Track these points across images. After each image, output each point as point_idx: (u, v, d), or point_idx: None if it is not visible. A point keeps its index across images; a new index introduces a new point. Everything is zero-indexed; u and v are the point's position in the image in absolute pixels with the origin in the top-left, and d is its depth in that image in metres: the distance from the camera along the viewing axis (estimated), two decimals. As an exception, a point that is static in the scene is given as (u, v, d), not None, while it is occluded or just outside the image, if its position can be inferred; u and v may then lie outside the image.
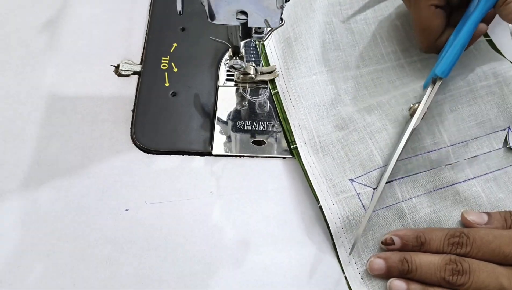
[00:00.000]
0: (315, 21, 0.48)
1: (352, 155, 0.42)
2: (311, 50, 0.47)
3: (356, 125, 0.43)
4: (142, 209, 0.43)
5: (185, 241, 0.41)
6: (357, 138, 0.43)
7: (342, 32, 0.48)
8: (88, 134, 0.46)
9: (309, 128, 0.44)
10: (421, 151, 0.42)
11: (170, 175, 0.44)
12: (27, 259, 0.41)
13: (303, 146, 0.44)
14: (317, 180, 0.42)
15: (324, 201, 0.41)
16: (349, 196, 0.41)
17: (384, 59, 0.47)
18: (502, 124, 0.43)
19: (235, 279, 0.40)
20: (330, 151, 0.43)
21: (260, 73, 0.48)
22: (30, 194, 0.43)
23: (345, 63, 0.47)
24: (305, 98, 0.45)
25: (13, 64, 0.50)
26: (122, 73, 0.49)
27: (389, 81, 0.46)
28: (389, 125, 0.43)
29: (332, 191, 0.42)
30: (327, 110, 0.45)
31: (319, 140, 0.44)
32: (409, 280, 0.37)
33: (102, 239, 0.41)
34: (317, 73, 0.46)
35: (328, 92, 0.45)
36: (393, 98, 0.44)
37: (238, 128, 0.46)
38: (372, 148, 0.42)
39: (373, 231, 0.40)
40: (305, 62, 0.46)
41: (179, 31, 0.51)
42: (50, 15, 0.52)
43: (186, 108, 0.47)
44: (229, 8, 0.34)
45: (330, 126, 0.44)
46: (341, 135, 0.43)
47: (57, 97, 0.48)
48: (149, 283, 0.40)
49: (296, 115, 0.45)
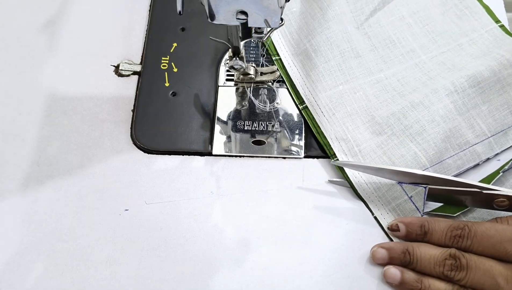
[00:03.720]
0: (331, 31, 0.48)
1: (396, 158, 0.43)
2: (332, 61, 0.47)
3: (393, 129, 0.44)
4: (142, 209, 0.43)
5: (185, 241, 0.41)
6: (397, 142, 0.43)
7: (359, 39, 0.48)
8: (88, 134, 0.46)
9: (347, 139, 0.44)
10: (466, 145, 0.43)
11: (170, 175, 0.44)
12: (27, 259, 0.41)
13: (344, 158, 0.44)
14: (366, 191, 0.43)
15: (378, 211, 0.42)
16: (401, 202, 0.41)
17: (405, 58, 0.48)
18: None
19: (235, 279, 0.40)
20: (372, 158, 0.43)
21: (260, 74, 0.48)
22: (30, 194, 0.43)
23: (368, 68, 0.47)
24: (337, 110, 0.45)
25: (13, 64, 0.50)
26: (122, 73, 0.49)
27: (414, 78, 0.46)
28: (427, 126, 0.43)
29: (383, 200, 0.42)
30: (360, 118, 0.45)
31: (359, 149, 0.44)
32: (404, 268, 0.38)
33: (102, 239, 0.41)
34: (342, 83, 0.46)
35: (357, 99, 0.46)
36: (426, 97, 0.44)
37: (238, 128, 0.46)
38: (415, 149, 0.43)
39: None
40: (329, 74, 0.47)
41: (179, 31, 0.51)
42: (50, 15, 0.52)
43: (186, 108, 0.47)
44: (229, 8, 0.34)
45: (367, 132, 0.44)
46: (380, 140, 0.44)
47: (57, 97, 0.48)
48: (149, 283, 0.40)
49: (331, 128, 0.45)
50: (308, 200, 0.43)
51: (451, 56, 0.47)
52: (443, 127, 0.43)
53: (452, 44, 0.48)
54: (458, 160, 0.43)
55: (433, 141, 0.43)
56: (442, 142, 0.43)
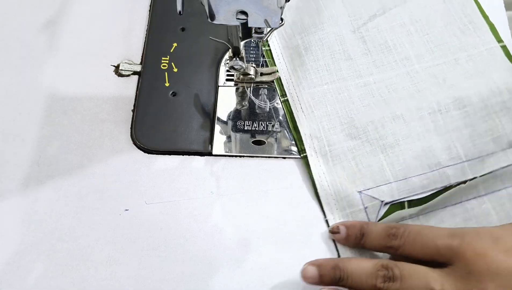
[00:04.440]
0: (324, 32, 0.48)
1: (363, 166, 0.43)
2: (321, 61, 0.47)
3: (369, 136, 0.44)
4: (142, 209, 0.43)
5: (185, 241, 0.41)
6: (368, 150, 0.43)
7: (353, 42, 0.48)
8: (88, 134, 0.46)
9: (320, 137, 0.44)
10: (436, 166, 0.42)
11: (170, 175, 0.44)
12: (27, 259, 0.41)
13: (313, 155, 0.44)
14: (325, 192, 0.42)
15: (331, 215, 0.42)
16: (356, 210, 0.41)
17: (398, 65, 0.47)
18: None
19: (235, 279, 0.40)
20: (341, 160, 0.43)
21: (260, 74, 0.48)
22: (30, 194, 0.43)
23: (357, 71, 0.47)
24: (316, 107, 0.45)
25: (13, 64, 0.50)
26: (122, 73, 0.49)
27: (403, 87, 0.46)
28: (402, 141, 0.43)
29: (340, 205, 0.42)
30: (339, 118, 0.45)
31: (329, 148, 0.44)
32: (340, 288, 0.36)
33: (102, 239, 0.41)
34: (328, 83, 0.46)
35: (341, 100, 0.45)
36: (408, 111, 0.44)
37: (238, 128, 0.46)
38: (383, 162, 0.42)
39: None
40: (316, 73, 0.47)
41: (179, 31, 0.51)
42: (50, 15, 0.52)
43: (186, 108, 0.47)
44: (229, 8, 0.34)
45: (343, 134, 0.44)
46: (353, 144, 0.44)
47: (57, 97, 0.48)
48: (149, 283, 0.40)
49: (307, 124, 0.45)
50: (308, 200, 0.43)
51: (445, 70, 0.46)
52: (416, 144, 0.43)
53: (449, 57, 0.47)
54: (425, 180, 0.42)
55: (403, 157, 0.42)
56: (412, 159, 0.42)
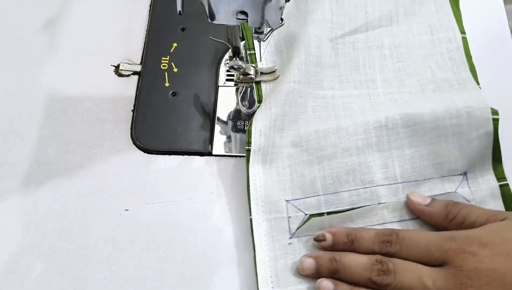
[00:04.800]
0: (305, 31, 0.47)
1: (296, 176, 0.42)
2: (296, 58, 0.46)
3: (309, 145, 0.42)
4: (142, 209, 0.43)
5: (185, 241, 0.41)
6: (305, 160, 0.42)
7: (326, 50, 0.47)
8: (88, 134, 0.46)
9: (268, 136, 0.43)
10: (369, 184, 0.41)
11: (170, 175, 0.44)
12: (27, 259, 0.41)
13: (256, 151, 0.42)
14: (256, 191, 0.41)
15: (256, 215, 0.41)
16: (279, 217, 0.40)
17: (362, 85, 0.46)
18: (460, 168, 0.41)
19: (235, 279, 0.40)
20: (277, 166, 0.42)
21: (260, 74, 0.48)
22: (30, 194, 0.43)
23: (320, 82, 0.46)
24: (276, 104, 0.43)
25: (13, 64, 0.50)
26: (122, 73, 0.49)
27: (359, 107, 0.44)
28: (340, 154, 0.42)
29: (266, 208, 0.41)
30: (289, 122, 0.43)
31: (272, 150, 0.42)
32: (337, 281, 0.36)
33: (102, 239, 0.41)
34: (295, 81, 0.44)
35: (298, 105, 0.44)
36: (354, 124, 0.42)
37: (238, 128, 0.46)
38: (316, 174, 0.41)
39: (294, 256, 0.39)
40: (287, 70, 0.45)
41: (179, 31, 0.51)
42: (50, 15, 0.52)
43: (186, 108, 0.47)
44: (229, 8, 0.34)
45: (286, 140, 0.43)
46: (292, 152, 0.43)
47: (57, 97, 0.48)
48: (149, 283, 0.40)
49: (262, 120, 0.43)
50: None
51: (407, 97, 0.45)
52: (353, 159, 0.41)
53: (416, 88, 0.45)
54: (355, 196, 0.40)
55: (336, 171, 0.41)
56: (345, 174, 0.41)
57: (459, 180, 0.41)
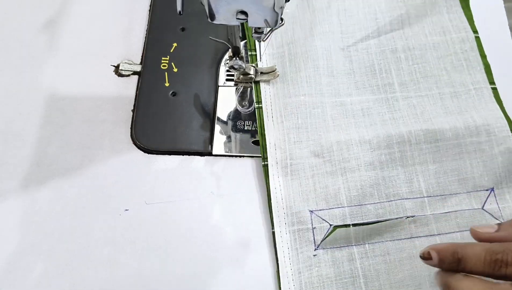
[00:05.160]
0: (312, 45, 0.47)
1: (320, 186, 0.42)
2: (303, 72, 0.46)
3: (332, 156, 0.43)
4: (142, 209, 0.43)
5: (185, 241, 0.41)
6: (329, 170, 0.42)
7: (339, 59, 0.47)
8: (88, 134, 0.46)
9: (284, 149, 0.43)
10: (394, 197, 0.41)
11: (170, 175, 0.44)
12: (27, 259, 0.41)
13: (274, 165, 0.43)
14: (278, 204, 0.42)
15: (278, 228, 0.41)
16: (303, 229, 0.40)
17: (379, 90, 0.46)
18: (485, 184, 0.41)
19: (235, 279, 0.40)
20: (299, 177, 0.42)
21: (260, 73, 0.48)
22: (30, 194, 0.43)
23: (337, 90, 0.46)
24: (287, 118, 0.44)
25: (13, 64, 0.50)
26: (122, 73, 0.49)
27: (378, 113, 0.45)
28: (363, 167, 0.42)
29: (289, 220, 0.41)
30: (307, 133, 0.44)
31: (291, 162, 0.43)
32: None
33: (102, 239, 0.41)
34: (305, 95, 0.45)
35: (313, 115, 0.44)
36: (376, 137, 0.43)
37: (238, 128, 0.46)
38: (340, 185, 0.41)
39: (319, 268, 0.39)
40: (294, 83, 0.46)
41: (179, 31, 0.51)
42: (50, 15, 0.52)
43: (186, 108, 0.47)
44: (229, 8, 0.34)
45: (307, 150, 0.43)
46: (315, 162, 0.43)
47: (57, 97, 0.48)
48: (149, 283, 0.40)
49: (274, 134, 0.44)
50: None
51: (425, 102, 0.45)
52: (377, 173, 0.42)
53: (434, 90, 0.46)
54: (380, 209, 0.41)
55: (361, 184, 0.41)
56: (369, 187, 0.41)
57: (485, 196, 0.41)
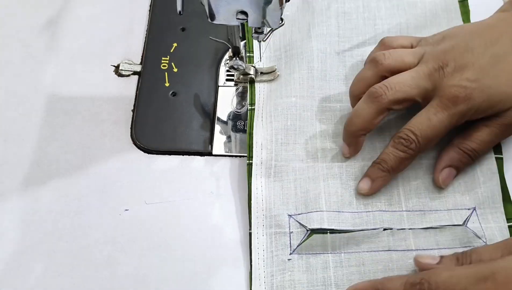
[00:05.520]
0: (308, 46, 0.47)
1: (301, 191, 0.41)
2: (296, 73, 0.46)
3: (316, 162, 0.42)
4: (142, 209, 0.43)
5: (185, 241, 0.41)
6: (311, 176, 0.42)
7: (333, 64, 0.47)
8: (88, 134, 0.46)
9: (270, 149, 0.43)
10: (372, 208, 0.41)
11: (170, 175, 0.44)
12: (27, 259, 0.41)
13: (258, 165, 0.43)
14: (258, 205, 0.41)
15: (255, 229, 0.40)
16: (281, 232, 0.40)
17: None
18: (467, 203, 0.41)
19: (235, 279, 0.40)
20: (282, 179, 0.42)
21: (260, 73, 0.48)
22: (30, 194, 0.43)
23: (327, 95, 0.46)
24: (276, 119, 0.44)
25: (13, 64, 0.50)
26: (122, 73, 0.49)
27: None
28: (345, 173, 0.42)
29: (267, 222, 0.40)
30: (295, 136, 0.43)
31: (275, 163, 0.42)
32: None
33: (102, 239, 0.41)
34: (297, 96, 0.45)
35: (303, 118, 0.44)
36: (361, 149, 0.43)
37: (238, 128, 0.46)
38: (321, 190, 0.41)
39: (292, 273, 0.38)
40: (287, 84, 0.45)
41: (179, 31, 0.51)
42: (50, 15, 0.52)
43: (186, 108, 0.47)
44: (229, 8, 0.34)
45: (292, 153, 0.43)
46: (298, 166, 0.42)
47: (57, 97, 0.48)
48: (149, 283, 0.40)
49: (262, 134, 0.44)
50: (308, 200, 0.43)
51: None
52: (357, 182, 0.41)
53: None
54: (357, 219, 0.40)
55: (341, 191, 0.41)
56: (349, 196, 0.41)
57: (466, 215, 0.40)
